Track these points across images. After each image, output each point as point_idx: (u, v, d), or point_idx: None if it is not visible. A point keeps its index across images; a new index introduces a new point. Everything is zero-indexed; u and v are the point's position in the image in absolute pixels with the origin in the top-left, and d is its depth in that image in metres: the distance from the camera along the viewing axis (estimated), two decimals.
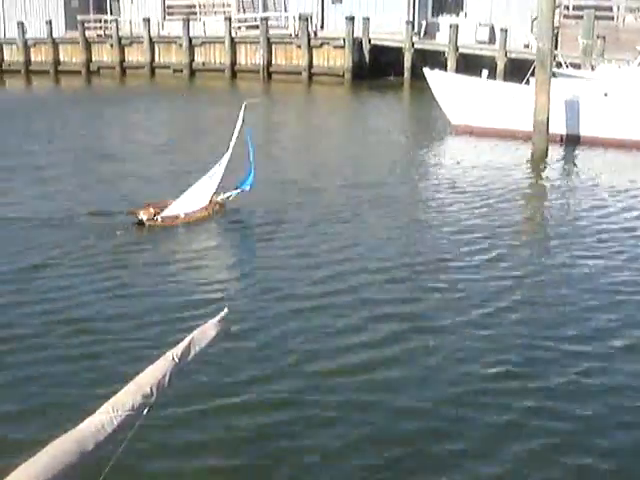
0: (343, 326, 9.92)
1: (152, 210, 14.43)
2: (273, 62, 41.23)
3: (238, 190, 15.19)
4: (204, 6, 46.88)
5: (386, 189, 17.06)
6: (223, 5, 46.60)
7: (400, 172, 18.99)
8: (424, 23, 40.84)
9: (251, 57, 42.00)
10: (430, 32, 40.73)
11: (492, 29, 38.17)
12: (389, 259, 12.46)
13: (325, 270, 11.92)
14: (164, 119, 30.13)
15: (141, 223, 14.18)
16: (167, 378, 5.20)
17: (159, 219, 14.30)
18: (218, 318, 5.77)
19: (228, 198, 15.28)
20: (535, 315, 10.47)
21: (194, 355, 5.52)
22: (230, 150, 14.70)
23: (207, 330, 5.72)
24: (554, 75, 23.87)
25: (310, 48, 40.09)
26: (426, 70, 25.91)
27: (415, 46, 38.41)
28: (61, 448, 4.57)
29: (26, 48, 48.49)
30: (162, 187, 16.95)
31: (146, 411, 5.02)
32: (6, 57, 49.79)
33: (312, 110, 31.35)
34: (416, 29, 39.94)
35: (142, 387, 5.11)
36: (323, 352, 9.22)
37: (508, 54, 35.56)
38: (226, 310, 5.86)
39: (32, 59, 48.75)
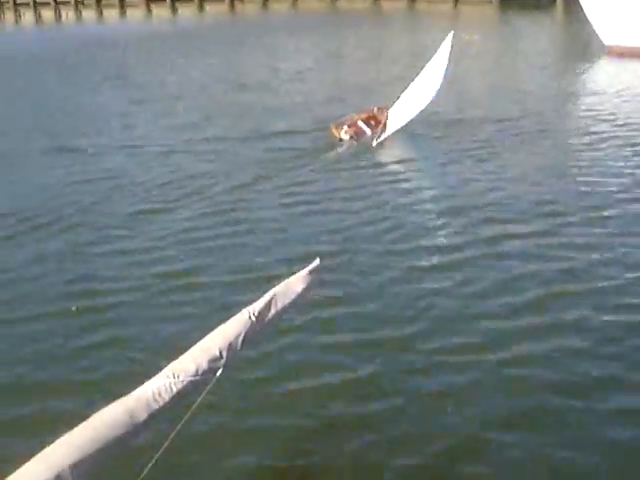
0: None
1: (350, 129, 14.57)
2: None
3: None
4: None
5: (535, 121, 15.41)
6: None
7: (550, 102, 17.21)
8: None
9: None
10: None
11: None
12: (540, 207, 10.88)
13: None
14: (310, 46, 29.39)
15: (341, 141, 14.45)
16: (240, 339, 4.51)
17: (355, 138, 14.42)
18: (307, 270, 5.02)
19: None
20: None
21: (277, 313, 4.80)
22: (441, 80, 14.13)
23: (293, 284, 4.95)
24: None
25: None
26: None
27: None
28: (108, 419, 4.05)
29: None
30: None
31: (214, 378, 4.34)
32: None
33: (457, 32, 29.90)
34: None
35: (209, 350, 4.44)
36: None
37: None
38: (318, 261, 5.12)
39: None
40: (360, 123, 14.90)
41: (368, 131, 14.70)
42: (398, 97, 14.72)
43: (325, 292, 7.34)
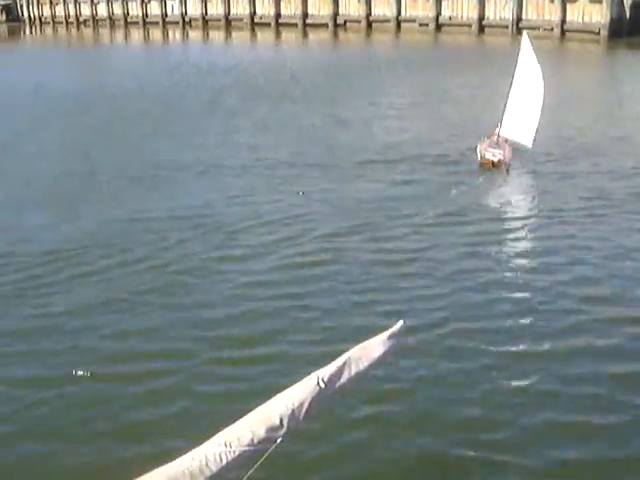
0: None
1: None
2: (524, 17, 39.00)
3: None
4: None
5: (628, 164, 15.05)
6: None
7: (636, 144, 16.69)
8: None
9: (500, 11, 40.04)
10: None
11: None
12: None
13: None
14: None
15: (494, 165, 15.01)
16: (305, 407, 4.21)
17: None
18: (389, 332, 4.71)
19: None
20: None
21: (350, 380, 4.44)
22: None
23: (371, 348, 4.61)
24: None
25: (564, 2, 37.44)
26: None
27: None
28: None
29: (277, 1, 49.30)
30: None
31: (271, 447, 4.04)
32: (258, 10, 50.98)
33: (561, 70, 29.16)
34: None
35: (269, 417, 4.15)
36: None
37: None
38: (401, 323, 4.80)
39: (282, 12, 49.54)
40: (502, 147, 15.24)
41: (507, 156, 14.99)
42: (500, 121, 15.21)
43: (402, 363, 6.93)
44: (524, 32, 16.45)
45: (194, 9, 54.89)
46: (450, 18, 41.90)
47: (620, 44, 35.39)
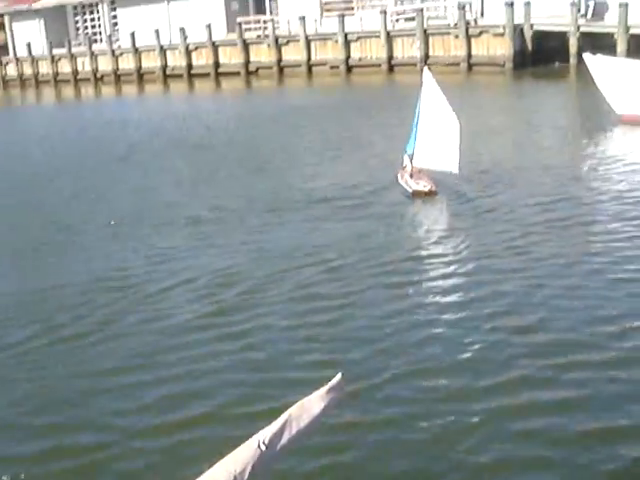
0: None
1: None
2: (431, 54, 40.02)
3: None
4: (361, 1, 46.29)
5: (545, 191, 15.55)
6: None
7: (558, 173, 17.25)
8: (591, 3, 38.40)
9: (408, 50, 41.02)
10: (598, 13, 38.26)
11: None
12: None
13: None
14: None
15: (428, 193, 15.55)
16: (248, 472, 4.12)
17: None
18: (328, 387, 4.53)
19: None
20: None
21: (291, 439, 4.32)
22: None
23: (311, 404, 4.46)
24: None
25: (469, 37, 38.63)
26: (586, 55, 24.09)
27: (581, 29, 36.14)
28: None
29: (188, 52, 49.64)
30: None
31: None
32: (170, 62, 51.25)
33: (470, 101, 29.93)
34: (582, 10, 37.69)
35: None
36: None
37: None
38: (339, 375, 4.79)
39: (194, 62, 49.87)
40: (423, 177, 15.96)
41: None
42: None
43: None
44: (425, 66, 17.36)
45: (105, 65, 54.88)
46: (360, 59, 42.72)
47: (525, 74, 36.63)
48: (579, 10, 36.87)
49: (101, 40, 59.06)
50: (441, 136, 15.67)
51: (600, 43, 34.23)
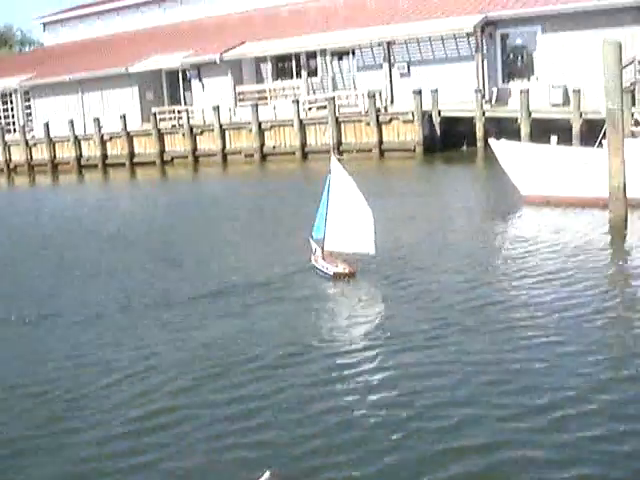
0: None
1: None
2: (343, 141, 40.88)
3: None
4: (274, 90, 47.25)
5: (458, 272, 15.94)
6: (293, 88, 46.90)
7: (470, 254, 17.71)
8: (495, 90, 40.06)
9: (321, 137, 41.85)
10: (502, 99, 39.88)
11: (565, 91, 37.06)
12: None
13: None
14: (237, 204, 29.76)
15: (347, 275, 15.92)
16: None
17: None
18: None
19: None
20: None
21: None
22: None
23: None
24: (633, 135, 22.67)
25: (379, 124, 39.65)
26: (491, 140, 25.03)
27: (486, 115, 37.50)
28: None
29: (102, 142, 49.73)
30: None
31: None
32: (84, 152, 51.25)
33: (382, 186, 30.63)
34: (487, 97, 39.26)
35: None
36: None
37: (583, 115, 34.17)
38: (268, 473, 4.69)
39: (109, 152, 49.96)
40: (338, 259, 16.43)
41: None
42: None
43: None
44: (332, 153, 17.80)
45: (19, 155, 54.48)
46: (274, 147, 43.36)
47: (435, 158, 37.71)
48: (484, 96, 38.36)
49: (14, 130, 58.72)
50: (354, 220, 16.03)
51: (505, 127, 35.63)
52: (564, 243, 18.17)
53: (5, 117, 62.09)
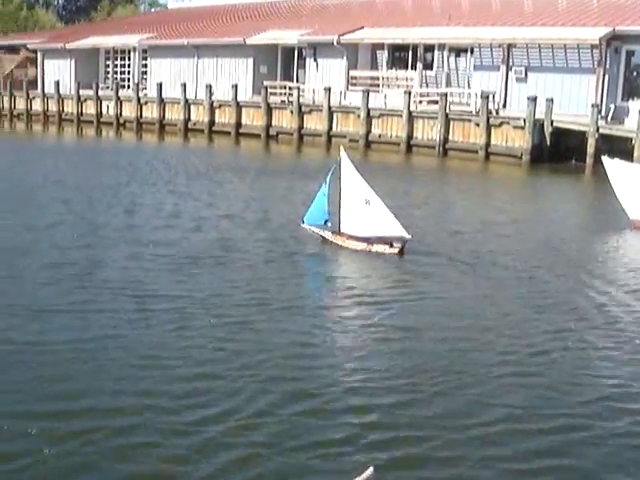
0: None
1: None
2: (450, 138, 40.45)
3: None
4: (387, 79, 47.08)
5: (551, 294, 15.57)
6: (406, 79, 46.64)
7: (563, 271, 17.27)
8: (612, 107, 39.05)
9: (428, 132, 41.50)
10: (618, 117, 38.84)
11: None
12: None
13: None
14: None
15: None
16: None
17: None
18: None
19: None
20: None
21: None
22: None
23: None
24: None
25: (489, 127, 39.04)
26: (604, 158, 24.30)
27: (600, 131, 36.54)
28: None
29: (212, 109, 50.42)
30: None
31: None
32: (193, 116, 52.06)
33: (485, 191, 30.29)
34: (603, 113, 38.27)
35: None
36: None
37: None
38: (371, 470, 4.60)
39: (216, 119, 50.65)
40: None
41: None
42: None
43: None
44: (341, 147, 19.14)
45: (129, 111, 55.72)
46: (380, 136, 43.19)
47: (542, 169, 36.89)
48: (600, 112, 37.37)
49: (129, 87, 60.08)
50: (369, 207, 17.38)
51: (617, 146, 34.63)
52: None
53: (122, 73, 63.62)
